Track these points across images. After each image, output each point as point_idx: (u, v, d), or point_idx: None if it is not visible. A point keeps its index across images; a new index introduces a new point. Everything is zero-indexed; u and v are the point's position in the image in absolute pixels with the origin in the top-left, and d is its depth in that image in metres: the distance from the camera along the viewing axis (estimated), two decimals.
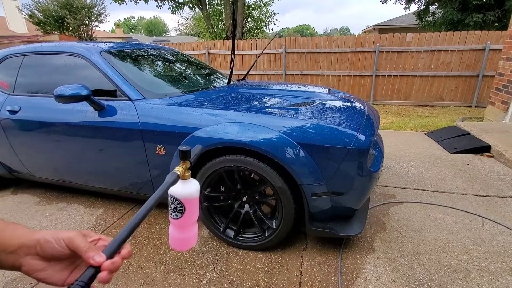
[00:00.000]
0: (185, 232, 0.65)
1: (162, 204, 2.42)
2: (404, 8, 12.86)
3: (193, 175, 1.88)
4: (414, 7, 12.74)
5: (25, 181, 2.83)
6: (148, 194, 2.05)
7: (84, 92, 1.72)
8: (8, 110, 2.20)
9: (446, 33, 6.22)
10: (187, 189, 0.61)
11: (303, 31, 64.82)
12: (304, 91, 2.44)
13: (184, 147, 0.63)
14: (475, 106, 6.31)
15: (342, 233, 1.63)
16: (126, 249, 0.46)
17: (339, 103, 2.12)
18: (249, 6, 15.90)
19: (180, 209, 0.61)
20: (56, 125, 2.04)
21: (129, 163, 1.94)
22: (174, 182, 0.57)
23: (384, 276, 1.61)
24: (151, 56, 2.57)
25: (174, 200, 0.61)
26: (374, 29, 17.54)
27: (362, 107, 2.04)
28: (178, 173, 0.59)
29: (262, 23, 17.14)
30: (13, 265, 0.40)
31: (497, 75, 4.47)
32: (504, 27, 8.10)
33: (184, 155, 0.62)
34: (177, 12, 15.92)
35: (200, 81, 2.65)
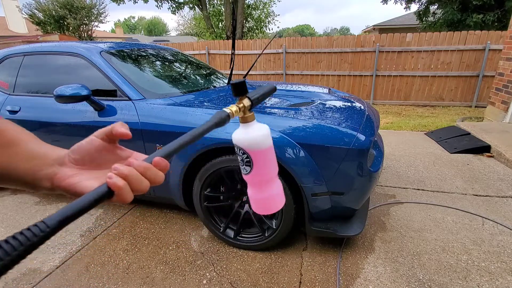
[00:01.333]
0: (263, 191, 0.51)
1: (162, 204, 2.42)
2: (404, 8, 12.87)
3: (193, 175, 1.87)
4: (414, 7, 12.76)
5: None
6: (148, 194, 2.05)
7: (84, 92, 1.72)
8: (8, 110, 2.20)
9: (446, 33, 6.22)
10: (249, 134, 0.47)
11: (303, 31, 64.83)
12: (304, 91, 2.44)
13: (235, 80, 0.47)
14: (475, 106, 6.31)
15: (342, 233, 1.63)
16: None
17: (339, 103, 2.12)
18: (249, 6, 15.90)
19: (247, 161, 0.48)
20: (56, 125, 2.04)
21: None
22: (219, 123, 0.42)
23: (384, 276, 1.61)
24: (151, 56, 2.57)
25: (238, 150, 0.48)
26: (374, 29, 17.54)
27: (362, 107, 2.04)
28: (228, 111, 0.43)
29: (262, 23, 17.14)
30: (50, 177, 0.39)
31: (497, 75, 4.47)
32: (504, 27, 8.10)
33: (238, 89, 0.45)
34: (177, 12, 15.93)
35: (200, 81, 2.65)
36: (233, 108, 0.45)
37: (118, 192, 0.33)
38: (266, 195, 0.52)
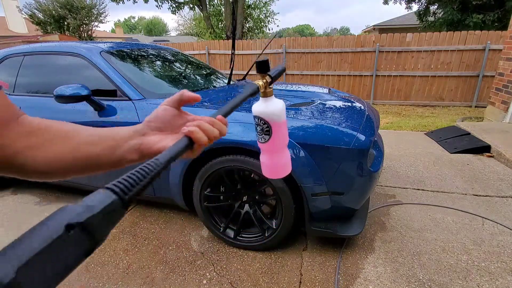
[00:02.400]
0: (277, 158, 0.59)
1: (162, 204, 2.42)
2: (405, 8, 12.87)
3: (194, 175, 1.87)
4: (414, 7, 12.75)
5: (25, 181, 2.82)
6: (148, 194, 2.05)
7: (84, 92, 1.72)
8: None
9: (446, 33, 6.22)
10: (271, 107, 0.54)
11: (303, 31, 64.83)
12: (304, 91, 2.44)
13: (260, 59, 0.54)
14: (475, 106, 6.31)
15: (342, 233, 1.63)
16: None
17: (339, 103, 2.12)
18: (249, 6, 15.90)
19: (267, 130, 0.54)
20: None
21: None
22: (253, 94, 0.50)
23: (384, 276, 1.61)
24: (151, 56, 2.57)
25: (259, 120, 0.54)
26: (374, 29, 17.54)
27: (362, 107, 2.04)
28: (258, 84, 0.51)
29: (262, 23, 17.14)
30: (135, 148, 0.43)
31: (497, 75, 4.47)
32: (504, 27, 8.09)
33: (262, 67, 0.53)
34: (177, 12, 15.94)
35: (200, 81, 2.65)
36: (260, 82, 0.52)
37: (195, 137, 0.39)
38: (278, 161, 0.60)
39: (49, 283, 0.20)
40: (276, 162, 0.60)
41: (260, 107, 0.55)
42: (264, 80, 0.53)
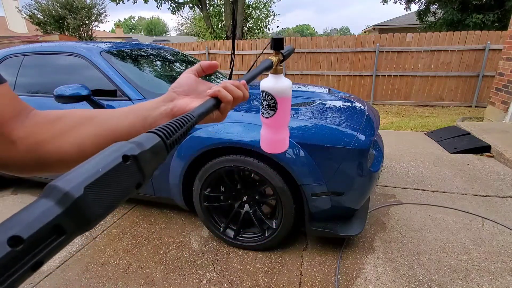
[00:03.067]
0: (278, 133, 0.61)
1: (162, 204, 2.42)
2: (404, 8, 12.87)
3: (194, 175, 1.87)
4: (414, 7, 12.77)
5: (25, 181, 2.83)
6: (148, 194, 2.05)
7: (84, 92, 1.72)
8: None
9: (446, 33, 6.22)
10: (279, 84, 0.56)
11: (303, 31, 64.84)
12: (304, 91, 2.44)
13: (278, 35, 0.57)
14: (475, 106, 6.31)
15: (342, 233, 1.63)
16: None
17: (339, 103, 2.12)
18: (249, 6, 15.90)
19: (273, 105, 0.56)
20: None
21: None
22: (267, 68, 0.54)
23: (384, 276, 1.61)
24: (151, 56, 2.57)
25: (267, 95, 0.57)
26: (374, 29, 17.54)
27: (362, 107, 2.04)
28: (271, 61, 0.54)
29: (262, 23, 17.14)
30: (165, 114, 0.45)
31: (497, 75, 4.47)
32: (504, 27, 8.09)
33: (277, 44, 0.55)
34: (177, 12, 15.94)
35: None
36: (273, 58, 0.54)
37: (221, 95, 0.42)
38: (279, 137, 0.62)
39: (107, 205, 0.23)
40: (276, 138, 0.62)
41: (269, 83, 0.56)
42: (277, 57, 0.55)
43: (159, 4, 15.20)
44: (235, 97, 0.44)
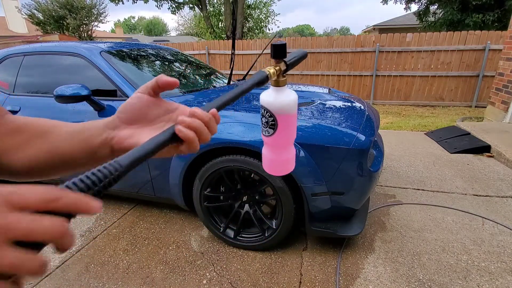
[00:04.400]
0: (280, 154, 0.53)
1: (162, 204, 2.42)
2: (404, 9, 12.88)
3: (194, 175, 1.87)
4: (414, 7, 12.76)
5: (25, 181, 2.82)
6: (148, 194, 2.05)
7: (84, 92, 1.72)
8: (8, 110, 2.20)
9: (446, 33, 6.22)
10: (280, 98, 0.47)
11: (303, 31, 64.86)
12: (304, 91, 2.44)
13: (278, 41, 0.47)
14: (475, 106, 6.31)
15: (342, 233, 1.63)
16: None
17: (339, 103, 2.12)
18: (249, 6, 15.90)
19: (272, 123, 0.48)
20: None
21: None
22: (260, 83, 0.43)
23: (384, 276, 1.61)
24: (151, 56, 2.57)
25: (265, 112, 0.48)
26: (374, 29, 17.54)
27: (362, 107, 2.04)
28: (267, 72, 0.44)
29: (262, 23, 17.14)
30: (106, 143, 0.40)
31: (497, 75, 4.47)
32: (504, 27, 8.09)
33: (279, 52, 0.46)
34: (177, 12, 15.94)
35: (200, 81, 2.65)
36: (271, 69, 0.45)
37: (190, 143, 0.34)
38: (281, 158, 0.54)
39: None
40: (278, 159, 0.54)
41: (268, 97, 0.48)
42: (278, 67, 0.46)
43: (159, 4, 15.21)
44: (201, 140, 0.36)
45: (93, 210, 0.23)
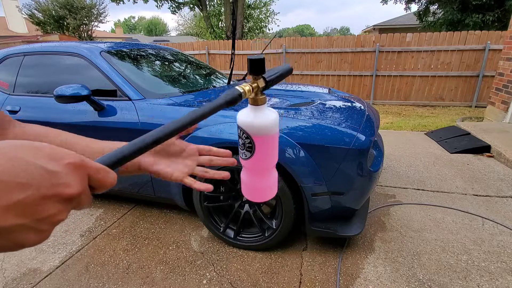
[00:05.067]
0: (259, 179, 0.48)
1: (162, 204, 2.42)
2: (404, 9, 12.88)
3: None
4: (414, 7, 12.77)
5: None
6: (148, 194, 2.05)
7: (84, 92, 1.72)
8: (8, 110, 2.20)
9: (446, 33, 6.22)
10: (258, 119, 0.42)
11: (303, 31, 64.87)
12: (304, 91, 2.44)
13: (255, 55, 0.44)
14: (475, 106, 6.31)
15: (342, 233, 1.63)
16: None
17: (339, 103, 2.12)
18: (249, 6, 15.90)
19: (249, 146, 0.44)
20: (56, 125, 2.04)
21: None
22: (230, 102, 0.38)
23: (384, 276, 1.61)
24: (151, 56, 2.57)
25: (241, 133, 0.44)
26: (374, 29, 17.54)
27: (362, 107, 2.04)
28: (241, 90, 0.39)
29: (262, 23, 17.15)
30: (133, 164, 0.48)
31: (497, 75, 4.47)
32: (504, 27, 8.09)
33: (256, 67, 0.42)
34: (177, 12, 15.94)
35: (200, 81, 2.65)
36: (246, 87, 0.40)
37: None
38: (260, 184, 0.49)
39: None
40: (256, 185, 0.49)
41: (245, 116, 0.43)
42: (255, 84, 0.41)
43: (159, 4, 15.21)
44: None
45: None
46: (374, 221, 2.10)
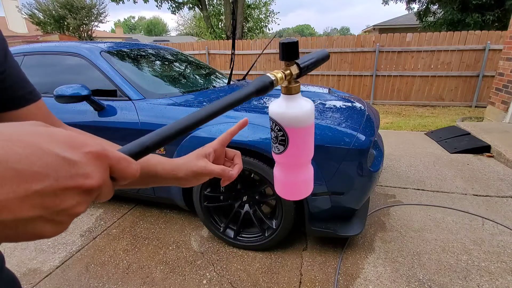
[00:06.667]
0: (293, 175, 0.45)
1: (162, 204, 2.42)
2: (406, 9, 12.88)
3: None
4: (414, 7, 12.76)
5: None
6: (148, 194, 2.05)
7: (84, 92, 1.72)
8: None
9: (446, 33, 6.21)
10: (291, 109, 0.39)
11: (303, 31, 64.88)
12: (304, 91, 2.44)
13: (287, 38, 0.38)
14: (475, 106, 6.31)
15: (342, 233, 1.63)
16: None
17: (339, 103, 2.12)
18: (249, 6, 15.90)
19: (282, 139, 0.40)
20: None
21: None
22: (261, 91, 0.35)
23: (384, 276, 1.61)
24: (151, 56, 2.57)
25: (274, 125, 0.40)
26: (374, 29, 17.54)
27: (362, 107, 2.04)
28: (272, 78, 0.35)
29: (262, 23, 17.15)
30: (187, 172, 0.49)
31: (497, 75, 4.47)
32: (504, 27, 8.09)
33: (289, 51, 0.37)
34: (177, 12, 15.94)
35: (200, 81, 2.65)
36: (278, 74, 0.36)
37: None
38: (296, 180, 0.45)
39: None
40: (291, 181, 0.45)
41: (278, 108, 0.40)
42: (288, 71, 0.38)
43: (159, 4, 15.20)
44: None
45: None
46: (374, 221, 2.10)
